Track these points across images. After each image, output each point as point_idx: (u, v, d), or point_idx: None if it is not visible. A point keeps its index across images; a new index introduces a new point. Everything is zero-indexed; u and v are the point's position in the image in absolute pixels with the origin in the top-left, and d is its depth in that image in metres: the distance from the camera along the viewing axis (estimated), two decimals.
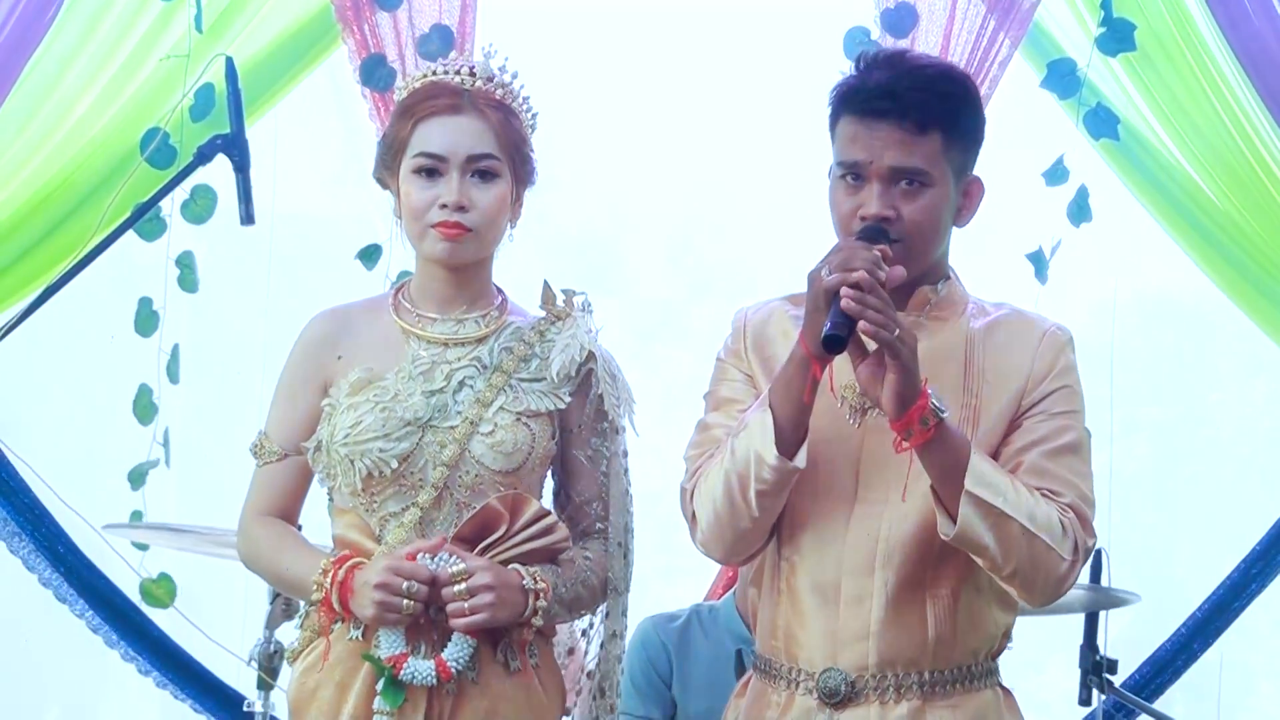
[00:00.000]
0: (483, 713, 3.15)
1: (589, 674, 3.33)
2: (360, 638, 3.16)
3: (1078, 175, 4.91)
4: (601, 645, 3.32)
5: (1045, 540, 2.87)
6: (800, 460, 2.91)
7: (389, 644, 3.12)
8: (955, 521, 2.85)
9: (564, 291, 3.31)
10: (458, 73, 3.24)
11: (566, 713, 3.30)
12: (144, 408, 4.99)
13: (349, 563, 3.14)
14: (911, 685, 2.94)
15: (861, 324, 2.80)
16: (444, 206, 3.17)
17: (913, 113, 2.93)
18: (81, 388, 5.30)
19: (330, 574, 3.14)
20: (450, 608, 3.09)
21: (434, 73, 3.25)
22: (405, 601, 3.07)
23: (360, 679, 3.15)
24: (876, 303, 2.80)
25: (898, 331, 2.80)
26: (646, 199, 5.39)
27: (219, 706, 5.02)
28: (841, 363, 2.97)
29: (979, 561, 2.90)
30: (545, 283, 3.31)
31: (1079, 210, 4.91)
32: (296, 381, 3.28)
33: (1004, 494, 2.85)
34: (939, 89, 2.96)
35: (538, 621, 3.15)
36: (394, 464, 3.15)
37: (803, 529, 3.01)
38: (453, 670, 3.11)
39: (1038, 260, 4.85)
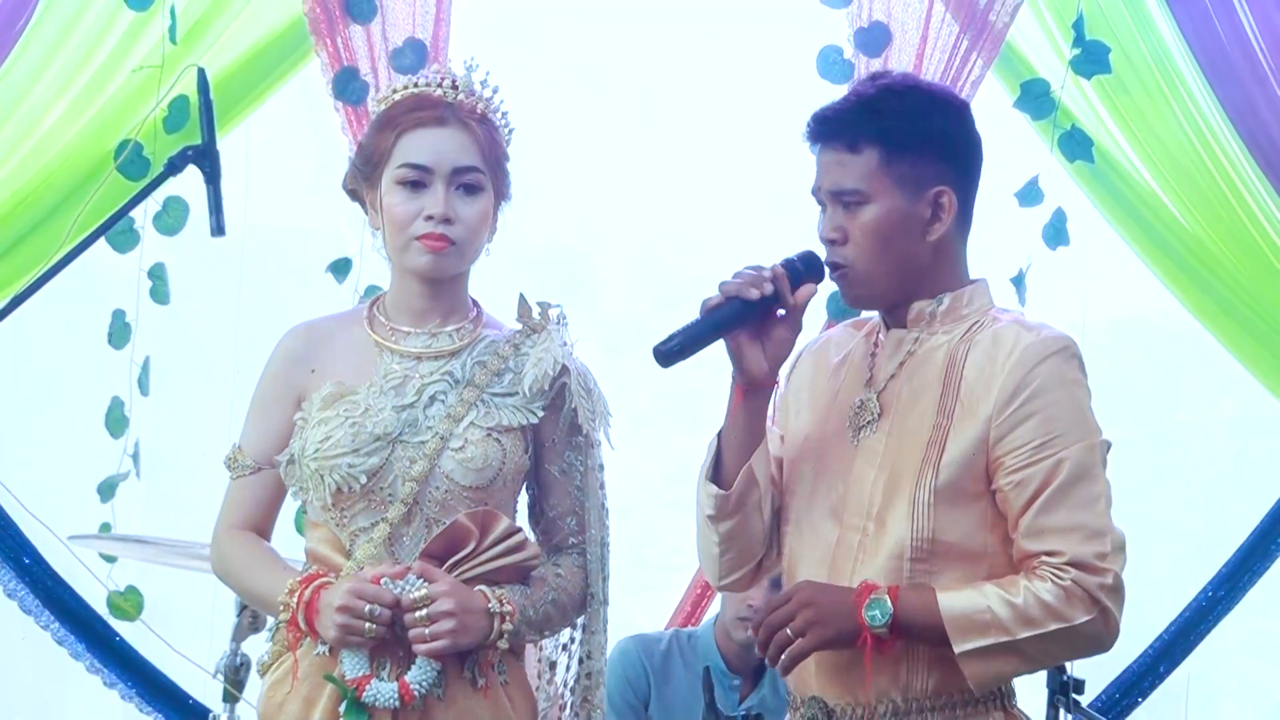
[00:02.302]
0: None
1: (571, 689, 3.32)
2: (327, 653, 3.14)
3: (1050, 197, 4.92)
4: (581, 660, 3.30)
5: (1056, 627, 2.81)
6: (730, 487, 2.96)
7: (352, 665, 3.11)
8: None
9: (539, 304, 3.29)
10: (439, 85, 3.22)
11: None
12: (116, 420, 4.98)
13: (315, 583, 3.12)
14: (884, 714, 2.90)
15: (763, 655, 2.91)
16: (429, 218, 3.15)
17: (845, 133, 2.94)
18: (52, 399, 5.28)
19: (297, 594, 3.12)
20: (411, 633, 3.08)
21: (415, 85, 3.24)
22: (367, 625, 3.06)
23: (326, 694, 3.13)
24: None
25: (789, 629, 2.84)
26: (616, 214, 5.38)
27: (184, 719, 5.00)
28: (852, 380, 3.01)
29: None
30: (521, 296, 3.29)
31: (1056, 234, 4.91)
32: (270, 395, 3.26)
33: (992, 625, 2.80)
34: (874, 106, 2.94)
35: (503, 645, 3.14)
36: (363, 479, 3.14)
37: (797, 556, 3.01)
38: (416, 694, 3.09)
39: (1019, 283, 4.86)
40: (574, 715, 3.29)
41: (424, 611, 3.07)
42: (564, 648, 3.33)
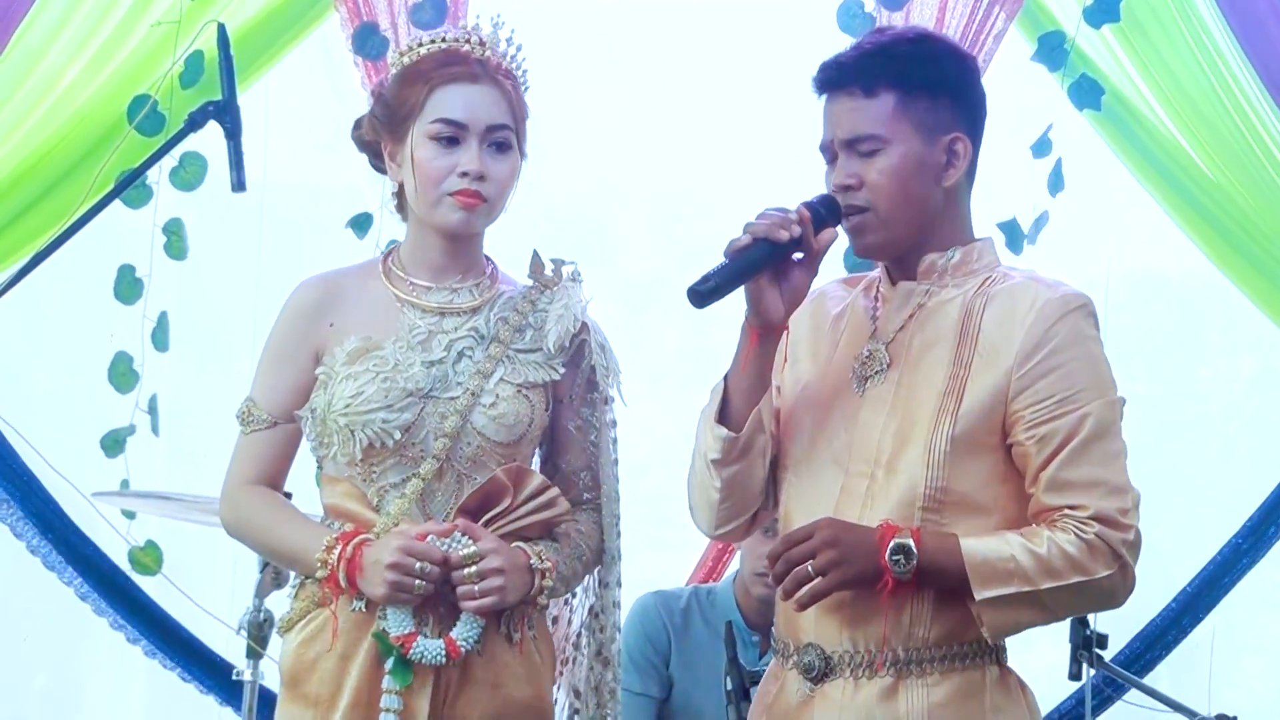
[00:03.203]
0: (488, 685, 3.14)
1: (575, 644, 3.32)
2: (364, 609, 3.13)
3: (1072, 148, 4.90)
4: (597, 614, 3.31)
5: (1077, 579, 2.81)
6: (741, 430, 2.94)
7: (397, 623, 3.10)
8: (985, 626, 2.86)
9: (553, 261, 3.30)
10: (467, 41, 3.22)
11: (553, 680, 3.30)
12: (122, 375, 4.96)
13: (356, 539, 3.11)
14: (885, 662, 2.90)
15: (772, 589, 2.91)
16: (464, 175, 3.15)
17: (861, 78, 2.94)
18: (70, 355, 5.28)
19: (336, 550, 3.11)
20: (461, 590, 3.08)
21: (444, 39, 3.23)
22: (417, 582, 3.06)
23: (363, 650, 3.13)
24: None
25: (809, 567, 2.82)
26: (636, 172, 5.37)
27: (207, 675, 5.01)
28: (856, 332, 3.00)
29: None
30: (535, 252, 3.29)
31: (1055, 180, 4.90)
32: (286, 348, 3.24)
33: (1015, 574, 2.80)
34: (889, 51, 2.95)
35: (543, 600, 3.16)
36: (397, 435, 3.13)
37: (796, 503, 3.01)
38: (462, 650, 3.10)
39: (1010, 230, 4.84)
40: (590, 670, 3.30)
41: (474, 569, 3.07)
42: (565, 602, 3.34)
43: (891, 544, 2.82)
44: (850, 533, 2.85)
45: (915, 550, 2.82)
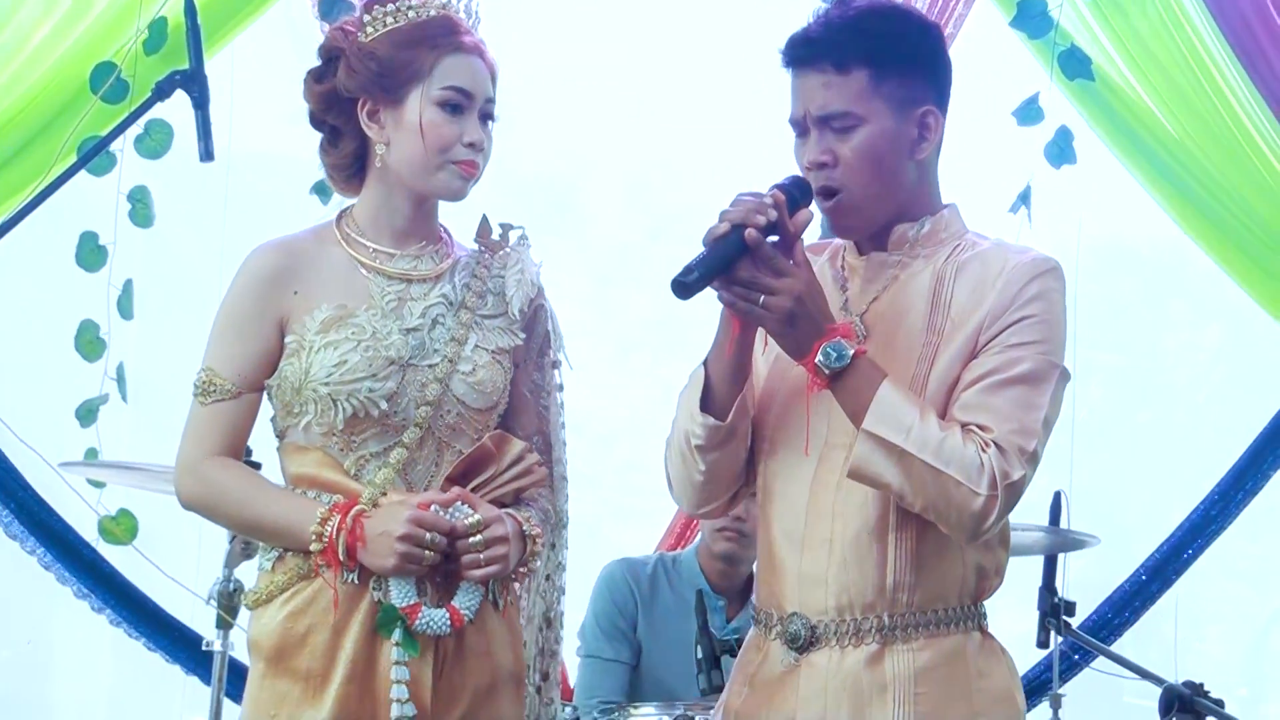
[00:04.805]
0: (481, 653, 3.14)
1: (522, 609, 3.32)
2: (355, 581, 3.10)
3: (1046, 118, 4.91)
4: (548, 577, 3.29)
5: (954, 476, 2.79)
6: (728, 418, 2.93)
7: (401, 594, 3.07)
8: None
9: (500, 225, 3.29)
10: (454, 12, 3.21)
11: None
12: (89, 343, 4.92)
13: (354, 510, 3.08)
14: (870, 629, 2.90)
15: (722, 295, 2.83)
16: (470, 145, 3.15)
17: (832, 54, 2.92)
18: (32, 324, 5.25)
19: (332, 522, 3.07)
20: (466, 559, 3.07)
21: (435, 6, 3.21)
22: (426, 553, 3.05)
23: (357, 621, 3.09)
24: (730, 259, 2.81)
25: (762, 299, 2.80)
26: (605, 141, 5.37)
27: (173, 645, 4.99)
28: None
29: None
30: (484, 217, 3.28)
31: (1060, 153, 4.89)
32: (247, 316, 3.18)
33: (908, 430, 2.80)
34: (859, 26, 2.94)
35: (534, 565, 3.17)
36: (383, 404, 3.10)
37: (774, 476, 3.00)
38: (465, 618, 3.09)
39: (1026, 200, 4.83)
40: (538, 632, 3.29)
41: (479, 538, 3.07)
42: None
43: (832, 340, 2.83)
44: (813, 305, 2.84)
45: (846, 363, 2.83)
